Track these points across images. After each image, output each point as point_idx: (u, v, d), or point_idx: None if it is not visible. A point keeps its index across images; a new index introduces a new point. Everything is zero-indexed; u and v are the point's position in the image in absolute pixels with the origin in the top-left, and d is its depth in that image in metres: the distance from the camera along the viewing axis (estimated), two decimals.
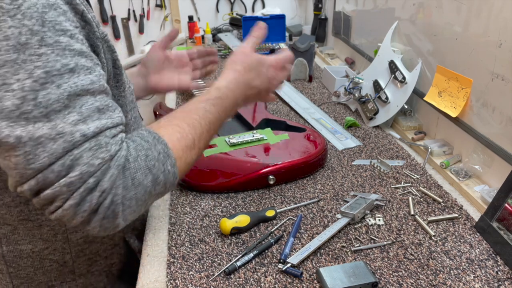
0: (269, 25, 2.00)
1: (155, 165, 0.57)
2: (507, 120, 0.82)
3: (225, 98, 0.71)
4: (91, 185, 0.52)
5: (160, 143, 0.59)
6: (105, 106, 0.55)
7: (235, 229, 0.76)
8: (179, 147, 0.61)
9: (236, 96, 0.72)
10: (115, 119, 0.56)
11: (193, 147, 0.64)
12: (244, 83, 0.74)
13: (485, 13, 0.85)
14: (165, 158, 0.59)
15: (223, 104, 0.70)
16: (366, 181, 0.92)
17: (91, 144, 0.52)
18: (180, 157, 0.61)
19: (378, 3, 1.39)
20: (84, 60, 0.54)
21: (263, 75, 0.76)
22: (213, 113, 0.68)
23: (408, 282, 0.66)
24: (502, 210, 0.74)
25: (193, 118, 0.66)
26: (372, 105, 1.18)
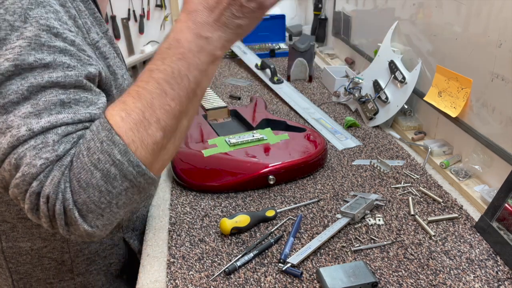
0: (269, 25, 2.01)
1: (99, 158, 0.48)
2: (507, 120, 0.82)
3: (175, 43, 0.53)
4: (35, 189, 0.47)
5: (104, 129, 0.49)
6: (74, 100, 0.50)
7: (235, 229, 0.76)
8: (125, 127, 0.50)
9: (195, 31, 0.53)
10: (80, 115, 0.50)
11: (146, 122, 0.50)
12: (196, 9, 0.53)
13: (485, 13, 0.85)
14: (110, 146, 0.48)
15: (176, 53, 0.52)
16: (366, 181, 0.92)
17: (36, 142, 0.47)
18: (131, 139, 0.49)
19: (378, 3, 1.39)
20: (67, 58, 0.52)
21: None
22: (163, 69, 0.52)
23: (408, 282, 0.66)
24: (502, 210, 0.74)
25: (136, 85, 0.53)
26: (372, 105, 1.18)
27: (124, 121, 0.50)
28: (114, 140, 0.49)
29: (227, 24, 0.54)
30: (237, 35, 0.55)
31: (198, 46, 0.53)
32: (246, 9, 0.54)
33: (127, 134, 0.49)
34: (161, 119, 0.51)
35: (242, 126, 1.13)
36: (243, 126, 1.13)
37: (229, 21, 0.54)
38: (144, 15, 2.23)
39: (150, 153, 0.51)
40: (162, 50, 0.53)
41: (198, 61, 0.53)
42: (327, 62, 1.78)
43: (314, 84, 1.52)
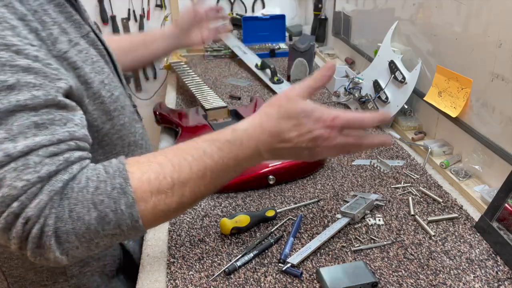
0: (269, 25, 2.00)
1: (103, 201, 0.49)
2: (507, 120, 0.82)
3: (238, 144, 0.56)
4: (15, 210, 0.46)
5: (121, 177, 0.51)
6: (48, 120, 0.50)
7: (235, 229, 0.76)
8: (147, 188, 0.51)
9: (257, 145, 0.57)
10: (58, 135, 0.50)
11: (170, 193, 0.52)
12: (273, 132, 0.57)
13: (485, 13, 0.85)
14: (119, 195, 0.50)
15: (234, 151, 0.56)
16: (366, 181, 0.92)
17: (17, 164, 0.47)
18: (145, 200, 0.51)
19: (378, 3, 1.39)
20: (32, 77, 0.50)
21: (304, 129, 0.57)
22: (215, 158, 0.55)
23: (408, 282, 0.66)
24: (502, 210, 0.74)
25: (183, 158, 0.54)
26: (372, 105, 1.18)
27: (149, 183, 0.52)
28: (126, 191, 0.50)
29: (283, 155, 0.60)
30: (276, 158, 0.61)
31: (252, 158, 0.58)
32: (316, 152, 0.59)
33: (143, 194, 0.51)
34: (184, 196, 0.54)
35: None
36: None
37: (288, 153, 0.59)
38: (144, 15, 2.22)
39: (154, 216, 0.53)
40: (223, 139, 0.57)
41: (242, 167, 0.59)
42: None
43: None
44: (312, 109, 0.57)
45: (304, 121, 0.57)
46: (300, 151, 0.59)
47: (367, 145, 0.61)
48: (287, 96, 0.59)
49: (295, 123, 0.57)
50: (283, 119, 0.57)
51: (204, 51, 1.90)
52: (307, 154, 0.59)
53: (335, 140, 0.58)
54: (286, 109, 0.58)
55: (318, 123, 0.57)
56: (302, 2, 2.31)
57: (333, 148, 0.59)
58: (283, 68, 1.64)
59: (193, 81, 1.39)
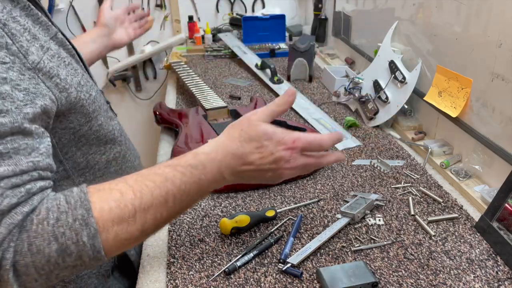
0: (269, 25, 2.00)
1: (64, 233, 0.48)
2: (507, 120, 0.82)
3: (201, 168, 0.57)
4: None
5: (82, 207, 0.50)
6: (12, 149, 0.48)
7: (235, 229, 0.76)
8: (108, 217, 0.50)
9: (220, 168, 0.58)
10: (22, 166, 0.49)
11: (132, 221, 0.52)
12: (235, 154, 0.58)
13: (485, 13, 0.85)
14: (81, 226, 0.49)
15: (196, 175, 0.57)
16: (366, 181, 0.92)
17: None
18: (107, 229, 0.50)
19: (378, 3, 1.39)
20: (0, 103, 0.48)
21: (266, 151, 0.58)
22: (177, 184, 0.55)
23: (408, 282, 0.66)
24: (502, 210, 0.74)
25: (145, 184, 0.54)
26: (372, 105, 1.18)
27: (110, 212, 0.51)
28: (88, 222, 0.49)
29: (246, 177, 0.61)
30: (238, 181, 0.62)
31: (215, 181, 0.58)
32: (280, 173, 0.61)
33: (105, 223, 0.50)
34: (147, 223, 0.54)
35: None
36: None
37: (252, 176, 0.61)
38: None
39: (117, 245, 0.52)
40: (185, 163, 0.57)
41: (206, 191, 0.60)
42: (327, 62, 1.78)
43: (314, 84, 1.52)
44: (274, 132, 0.59)
45: (266, 143, 0.59)
46: (264, 173, 0.60)
47: (326, 164, 0.65)
48: (249, 120, 0.61)
49: (257, 145, 0.59)
50: (245, 141, 0.59)
51: (204, 51, 1.90)
52: (270, 176, 0.61)
53: (297, 161, 0.60)
54: (248, 132, 0.59)
55: (279, 145, 0.59)
56: (302, 2, 2.31)
57: (295, 169, 0.61)
58: (283, 68, 1.65)
59: (193, 81, 1.39)
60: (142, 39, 2.30)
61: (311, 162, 0.62)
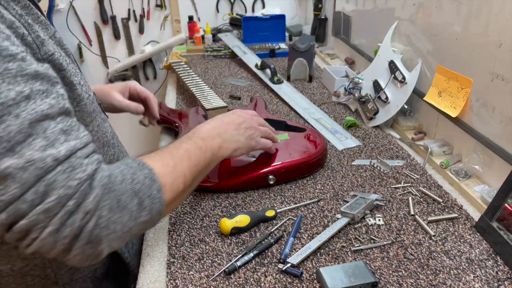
0: (269, 25, 2.01)
1: (140, 188, 0.56)
2: (507, 120, 0.82)
3: (198, 131, 0.75)
4: (71, 208, 0.50)
5: (145, 168, 0.59)
6: (68, 127, 0.53)
7: (235, 229, 0.76)
8: (163, 172, 0.61)
9: (212, 128, 0.77)
10: (83, 139, 0.54)
11: (177, 175, 0.64)
12: (215, 118, 0.81)
13: (485, 13, 0.85)
14: (151, 182, 0.58)
15: (198, 135, 0.74)
16: (366, 181, 0.92)
17: (64, 167, 0.50)
18: (165, 184, 0.61)
19: (378, 3, 1.39)
20: (39, 84, 0.51)
21: (235, 112, 0.84)
22: (190, 142, 0.71)
23: (408, 282, 0.66)
24: (502, 210, 0.74)
25: (169, 149, 0.68)
26: (372, 105, 1.18)
27: (162, 168, 0.62)
28: (154, 179, 0.59)
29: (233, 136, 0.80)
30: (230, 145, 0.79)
31: (212, 136, 0.76)
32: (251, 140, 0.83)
33: (163, 178, 0.61)
34: (186, 174, 0.66)
35: None
36: None
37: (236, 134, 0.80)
38: (144, 15, 2.23)
39: (171, 198, 0.62)
40: (188, 133, 0.75)
41: (213, 147, 0.74)
42: (327, 62, 1.78)
43: (314, 84, 1.52)
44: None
45: (235, 112, 0.84)
46: (240, 124, 0.81)
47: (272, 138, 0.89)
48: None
49: (228, 114, 0.83)
50: (222, 115, 0.83)
51: (204, 51, 1.90)
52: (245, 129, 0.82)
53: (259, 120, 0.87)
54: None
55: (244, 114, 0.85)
56: (302, 2, 2.31)
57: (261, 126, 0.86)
58: (283, 68, 1.65)
59: (193, 81, 1.39)
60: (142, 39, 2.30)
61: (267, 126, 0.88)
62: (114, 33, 2.26)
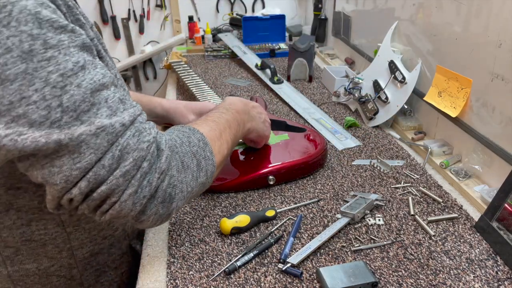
0: (269, 25, 2.01)
1: (197, 151, 0.61)
2: (507, 120, 0.82)
3: (233, 104, 0.80)
4: (146, 169, 0.52)
5: (197, 132, 0.64)
6: (122, 96, 0.54)
7: (235, 229, 0.76)
8: (211, 137, 0.66)
9: (241, 106, 0.81)
10: (137, 108, 0.56)
11: (223, 140, 0.69)
12: (240, 100, 0.84)
13: (485, 13, 0.85)
14: (204, 145, 0.63)
15: (234, 108, 0.79)
16: (366, 181, 0.92)
17: (132, 132, 0.52)
18: (214, 147, 0.65)
19: (378, 3, 1.39)
20: (87, 54, 0.52)
21: (243, 100, 0.86)
22: (229, 114, 0.76)
23: (408, 282, 0.66)
24: (502, 210, 0.74)
25: (212, 118, 0.72)
26: (372, 105, 1.18)
27: (210, 132, 0.67)
28: (206, 142, 0.64)
29: (255, 118, 0.86)
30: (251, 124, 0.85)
31: (244, 111, 0.82)
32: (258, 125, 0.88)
33: (212, 142, 0.66)
34: (228, 141, 0.71)
35: None
36: None
37: (257, 117, 0.87)
38: (144, 15, 2.23)
39: (219, 162, 0.67)
40: (222, 107, 0.78)
41: (242, 118, 0.80)
42: (327, 62, 1.78)
43: (314, 84, 1.52)
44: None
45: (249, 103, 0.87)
46: (260, 113, 0.87)
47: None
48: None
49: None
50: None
51: (204, 51, 1.90)
52: (262, 120, 0.88)
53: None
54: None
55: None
56: (302, 2, 2.31)
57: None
58: (283, 68, 1.65)
59: (193, 81, 1.39)
60: (143, 39, 2.30)
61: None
62: (114, 33, 2.26)
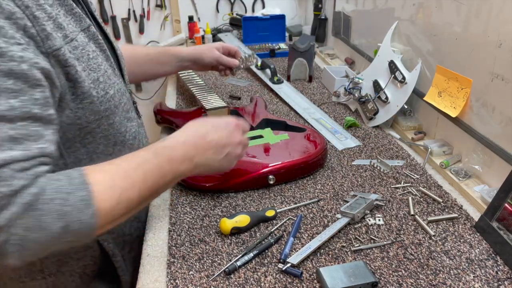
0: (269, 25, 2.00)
1: (71, 212, 0.52)
2: (507, 120, 0.82)
3: (171, 147, 0.65)
4: None
5: (85, 189, 0.54)
6: (23, 135, 0.51)
7: (235, 229, 0.76)
8: (105, 197, 0.56)
9: (187, 148, 0.67)
10: (32, 152, 0.52)
11: (122, 198, 0.57)
12: (197, 132, 0.69)
13: (485, 13, 0.85)
14: (85, 207, 0.53)
15: (169, 154, 0.64)
16: (366, 181, 0.92)
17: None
18: (104, 208, 0.55)
19: (378, 3, 1.39)
20: (12, 82, 0.50)
21: (222, 129, 0.71)
22: (154, 163, 0.62)
23: (408, 282, 0.66)
24: (502, 210, 0.74)
25: (127, 166, 0.60)
26: (372, 105, 1.18)
27: (107, 191, 0.56)
28: (89, 204, 0.53)
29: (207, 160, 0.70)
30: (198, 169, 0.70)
31: (184, 161, 0.66)
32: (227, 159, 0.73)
33: (103, 202, 0.55)
34: (132, 201, 0.59)
35: None
36: None
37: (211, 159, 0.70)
38: (144, 15, 2.23)
39: (107, 222, 0.57)
40: (158, 145, 0.65)
41: (177, 172, 0.65)
42: (327, 62, 1.78)
43: (314, 84, 1.52)
44: (226, 117, 0.74)
45: (221, 122, 0.72)
46: (220, 150, 0.70)
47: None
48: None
49: (214, 124, 0.72)
50: (204, 123, 0.71)
51: None
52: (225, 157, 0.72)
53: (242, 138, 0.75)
54: (205, 119, 0.72)
55: (232, 125, 0.74)
56: (302, 2, 2.31)
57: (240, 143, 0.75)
58: (283, 68, 1.65)
59: (193, 81, 1.39)
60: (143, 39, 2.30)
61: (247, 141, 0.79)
62: (114, 33, 2.26)
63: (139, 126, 0.84)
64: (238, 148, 0.74)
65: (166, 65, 1.16)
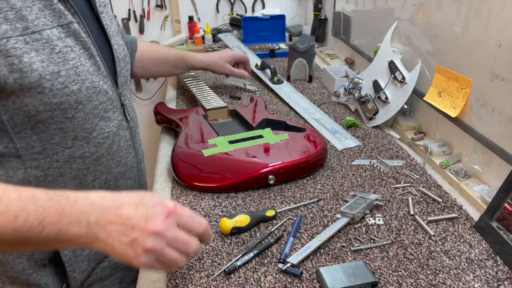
0: (269, 25, 2.00)
1: None
2: (507, 120, 0.82)
3: (73, 199, 0.52)
4: None
5: None
6: None
7: (235, 229, 0.76)
8: None
9: (92, 209, 0.52)
10: None
11: None
12: (115, 200, 0.53)
13: (485, 13, 0.85)
14: None
15: (65, 204, 0.51)
16: (366, 181, 0.92)
17: None
18: None
19: (378, 3, 1.39)
20: None
21: (144, 207, 0.53)
22: (38, 204, 0.50)
23: (407, 282, 0.66)
24: (501, 210, 0.74)
25: (4, 194, 0.51)
26: (372, 105, 1.18)
27: None
28: None
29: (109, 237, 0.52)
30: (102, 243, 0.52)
31: (77, 220, 0.51)
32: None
33: None
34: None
35: (242, 126, 1.13)
36: (243, 126, 1.13)
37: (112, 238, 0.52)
38: (144, 15, 2.23)
39: None
40: (63, 192, 0.52)
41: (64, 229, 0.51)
42: (327, 62, 1.78)
43: (314, 84, 1.52)
44: (157, 196, 0.56)
45: (144, 198, 0.54)
46: (127, 233, 0.51)
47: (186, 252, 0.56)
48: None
49: (133, 197, 0.54)
50: (121, 194, 0.55)
51: (204, 51, 1.90)
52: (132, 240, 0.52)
53: (170, 232, 0.53)
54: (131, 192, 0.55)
55: (160, 206, 0.54)
56: (302, 2, 2.31)
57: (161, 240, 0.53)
58: (283, 68, 1.65)
59: (193, 81, 1.39)
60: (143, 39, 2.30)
61: (183, 239, 0.55)
62: None
63: (121, 128, 0.81)
64: (149, 238, 0.51)
65: (179, 69, 1.31)
